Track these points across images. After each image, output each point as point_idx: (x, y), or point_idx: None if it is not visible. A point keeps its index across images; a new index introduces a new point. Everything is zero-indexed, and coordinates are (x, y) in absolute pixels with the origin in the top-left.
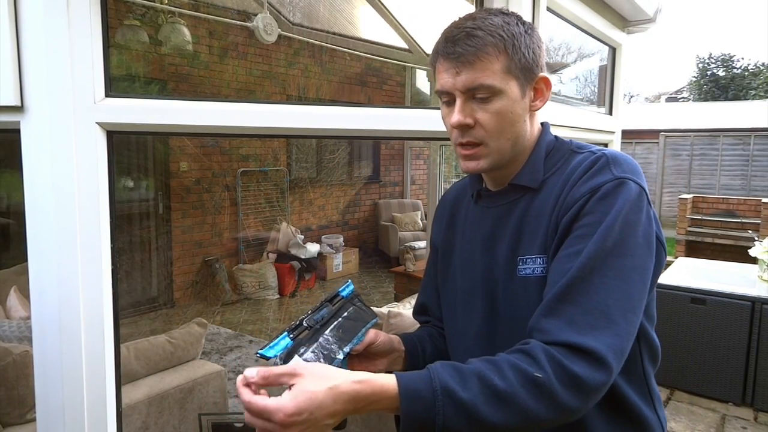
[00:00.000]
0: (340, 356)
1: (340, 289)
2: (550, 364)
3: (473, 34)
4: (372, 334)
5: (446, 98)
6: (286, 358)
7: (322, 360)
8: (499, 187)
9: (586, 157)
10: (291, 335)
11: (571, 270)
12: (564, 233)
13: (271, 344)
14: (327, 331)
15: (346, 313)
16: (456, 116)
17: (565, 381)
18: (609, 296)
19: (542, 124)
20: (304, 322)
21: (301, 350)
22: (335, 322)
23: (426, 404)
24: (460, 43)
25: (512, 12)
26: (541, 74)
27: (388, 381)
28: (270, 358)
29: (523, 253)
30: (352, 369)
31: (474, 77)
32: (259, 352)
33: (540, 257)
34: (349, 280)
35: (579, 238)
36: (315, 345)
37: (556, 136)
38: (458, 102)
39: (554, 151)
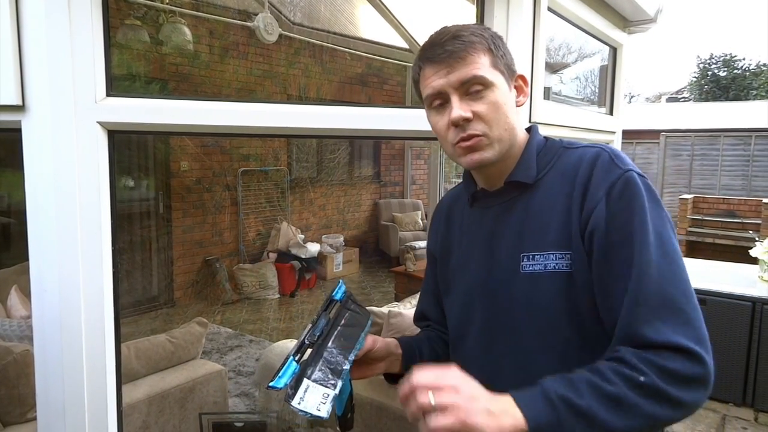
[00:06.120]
0: (347, 366)
1: (333, 293)
2: (649, 367)
3: (458, 35)
4: (370, 340)
5: (438, 100)
6: (295, 384)
7: (330, 375)
8: (495, 187)
9: (585, 152)
10: (296, 359)
11: (631, 276)
12: (601, 237)
13: (279, 374)
14: (329, 343)
15: (343, 321)
16: (456, 111)
17: (668, 379)
18: (670, 287)
19: (531, 126)
20: (306, 341)
21: (309, 371)
22: (335, 332)
23: (548, 415)
24: (447, 43)
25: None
26: (519, 73)
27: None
28: (280, 388)
29: (527, 250)
30: (350, 375)
31: (467, 71)
32: (270, 384)
33: (553, 253)
34: (341, 281)
35: (621, 244)
36: (321, 362)
37: (545, 137)
38: (454, 99)
39: (546, 149)
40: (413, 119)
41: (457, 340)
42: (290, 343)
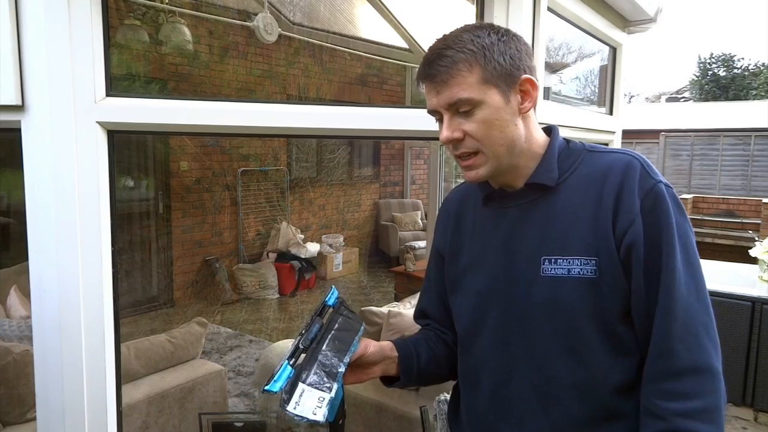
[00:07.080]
0: (342, 369)
1: (326, 299)
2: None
3: (444, 54)
4: (363, 345)
5: (436, 116)
6: (290, 389)
7: (325, 378)
8: (513, 187)
9: (615, 159)
10: (291, 363)
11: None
12: (638, 255)
13: (275, 378)
14: (324, 347)
15: (337, 325)
16: (444, 132)
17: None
18: (696, 315)
19: (552, 127)
20: (300, 345)
21: (303, 375)
22: (329, 336)
23: None
24: (433, 65)
25: (485, 24)
26: (524, 76)
27: None
28: (276, 392)
29: (549, 253)
30: (345, 380)
31: (451, 94)
32: (265, 388)
33: (578, 259)
34: (333, 287)
35: (654, 263)
36: (315, 365)
37: (565, 138)
38: (445, 119)
39: (568, 151)
40: (413, 119)
41: (467, 341)
42: (290, 343)
